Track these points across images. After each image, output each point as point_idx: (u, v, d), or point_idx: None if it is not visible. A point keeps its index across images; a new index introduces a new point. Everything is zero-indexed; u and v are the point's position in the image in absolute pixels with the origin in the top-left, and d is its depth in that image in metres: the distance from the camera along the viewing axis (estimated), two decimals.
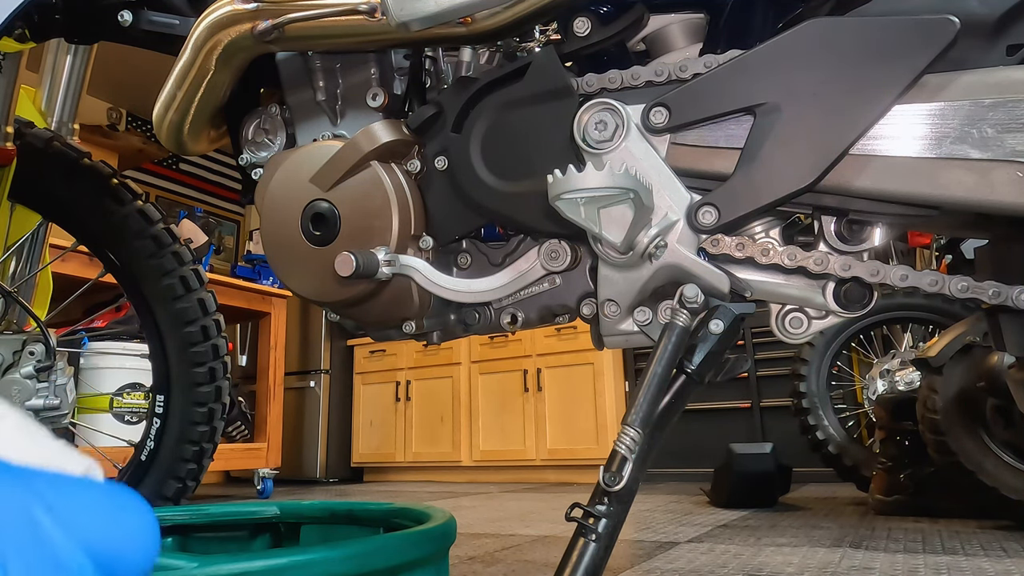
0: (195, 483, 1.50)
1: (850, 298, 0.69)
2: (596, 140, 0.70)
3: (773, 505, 2.72)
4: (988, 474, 2.06)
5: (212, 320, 1.28)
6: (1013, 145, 0.60)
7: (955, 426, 2.14)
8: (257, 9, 0.77)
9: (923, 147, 0.62)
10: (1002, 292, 0.63)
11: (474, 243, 0.82)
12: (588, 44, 0.75)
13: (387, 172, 0.77)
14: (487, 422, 4.67)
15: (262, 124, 0.88)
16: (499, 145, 0.76)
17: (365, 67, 0.82)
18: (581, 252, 0.76)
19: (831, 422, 2.98)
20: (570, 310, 0.77)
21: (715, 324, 0.64)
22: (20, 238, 1.31)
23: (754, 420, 4.05)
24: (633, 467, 0.57)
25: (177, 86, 0.83)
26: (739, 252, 0.68)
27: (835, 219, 0.69)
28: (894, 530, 2.06)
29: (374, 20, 0.73)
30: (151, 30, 0.90)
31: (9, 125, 1.18)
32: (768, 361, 4.00)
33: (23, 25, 0.93)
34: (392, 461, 4.94)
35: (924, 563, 1.57)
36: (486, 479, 4.62)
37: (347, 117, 0.83)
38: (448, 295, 0.75)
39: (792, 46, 0.66)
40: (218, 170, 5.55)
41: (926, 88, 0.63)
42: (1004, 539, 1.86)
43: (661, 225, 0.67)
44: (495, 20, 0.71)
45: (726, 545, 1.85)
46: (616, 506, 0.56)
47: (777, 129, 0.65)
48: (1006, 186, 0.60)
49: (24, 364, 1.19)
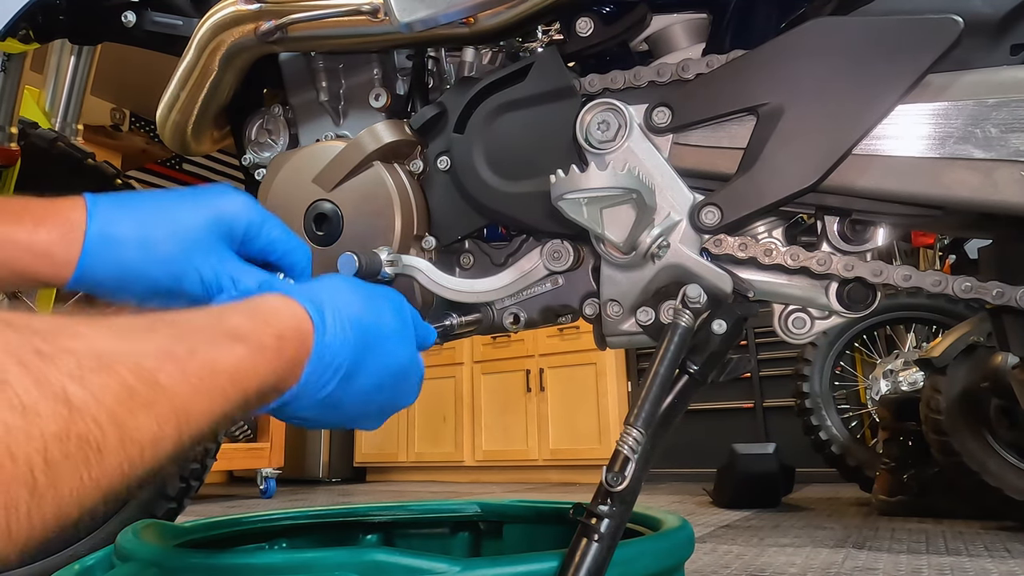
0: (198, 483, 1.50)
1: (853, 298, 0.69)
2: (599, 140, 0.70)
3: (776, 505, 2.72)
4: (992, 474, 2.06)
5: None
6: (1017, 145, 0.59)
7: (959, 426, 2.14)
8: (260, 10, 0.77)
9: (927, 147, 0.62)
10: (1006, 292, 0.63)
11: (477, 243, 0.82)
12: (591, 44, 0.75)
13: (390, 172, 0.77)
14: (490, 422, 4.67)
15: (265, 124, 0.88)
16: (502, 145, 0.76)
17: (368, 68, 0.82)
18: (584, 252, 0.76)
19: (834, 422, 2.98)
20: (573, 310, 0.77)
21: (718, 324, 0.64)
22: None
23: (757, 420, 4.05)
24: (636, 467, 0.56)
25: (180, 87, 0.83)
26: (742, 252, 0.68)
27: (838, 219, 0.69)
28: (897, 531, 2.06)
29: (377, 21, 0.73)
30: (155, 31, 0.90)
31: (13, 126, 1.18)
32: (771, 361, 4.00)
33: (27, 26, 0.93)
34: (395, 461, 4.94)
35: (928, 564, 1.57)
36: (489, 479, 4.62)
37: (350, 117, 0.84)
38: (451, 295, 0.75)
39: (795, 46, 0.66)
40: (221, 170, 5.56)
41: (930, 88, 0.63)
42: (1008, 540, 1.86)
43: (664, 225, 0.67)
44: (498, 20, 0.71)
45: (729, 545, 1.85)
46: (619, 506, 0.56)
47: (780, 129, 0.65)
48: (1010, 186, 0.60)
49: None
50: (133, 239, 0.52)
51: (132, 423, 0.27)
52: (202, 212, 0.54)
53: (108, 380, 0.27)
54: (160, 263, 0.52)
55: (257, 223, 0.56)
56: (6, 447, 0.22)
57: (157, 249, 0.52)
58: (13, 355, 0.24)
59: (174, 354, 0.31)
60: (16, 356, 0.24)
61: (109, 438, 0.26)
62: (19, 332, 0.25)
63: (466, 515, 0.78)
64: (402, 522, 0.78)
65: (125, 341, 0.29)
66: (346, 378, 0.46)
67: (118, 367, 0.28)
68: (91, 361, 0.27)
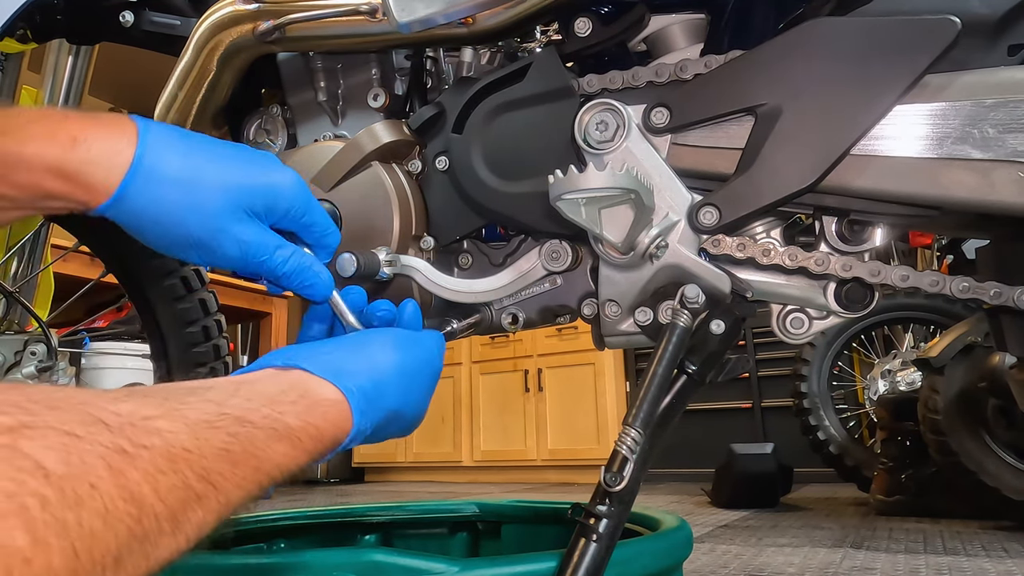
0: None
1: (851, 298, 0.69)
2: (597, 140, 0.70)
3: (774, 505, 2.72)
4: (989, 474, 2.06)
5: (213, 320, 1.28)
6: (1014, 145, 0.59)
7: (956, 426, 2.14)
8: (258, 10, 0.77)
9: (924, 147, 0.62)
10: (1003, 292, 0.63)
11: (475, 243, 0.82)
12: (589, 44, 0.75)
13: (388, 172, 0.77)
14: (488, 422, 4.67)
15: (263, 124, 0.88)
16: (500, 145, 0.76)
17: (366, 67, 0.82)
18: (582, 252, 0.76)
19: (832, 422, 2.98)
20: (571, 310, 0.77)
21: (716, 325, 0.64)
22: (22, 239, 1.31)
23: (755, 420, 4.05)
24: (634, 467, 0.57)
25: (179, 86, 0.83)
26: (740, 252, 0.68)
27: (836, 219, 0.69)
28: (895, 530, 2.06)
29: (375, 21, 0.73)
30: (153, 31, 0.90)
31: None
32: (769, 361, 4.00)
33: (25, 26, 0.93)
34: (393, 461, 4.94)
35: (925, 563, 1.57)
36: (487, 479, 4.62)
37: (348, 117, 0.84)
38: (449, 295, 0.75)
39: (793, 46, 0.66)
40: None
41: (927, 88, 0.63)
42: (1006, 539, 1.86)
43: (662, 225, 0.67)
44: (496, 21, 0.71)
45: (727, 545, 1.85)
46: (617, 506, 0.56)
47: (778, 129, 0.65)
48: (1007, 186, 0.60)
49: (26, 364, 1.20)
50: (181, 180, 0.49)
51: (184, 517, 0.31)
52: (252, 176, 0.52)
53: (175, 481, 0.30)
54: (200, 213, 0.49)
55: (301, 206, 0.55)
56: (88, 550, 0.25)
57: (201, 198, 0.49)
58: (103, 458, 0.27)
59: (231, 455, 0.35)
60: (105, 459, 0.27)
61: (165, 531, 0.30)
62: (112, 431, 0.28)
63: (464, 515, 0.78)
64: (400, 522, 0.78)
65: (192, 438, 0.33)
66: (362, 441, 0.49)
67: (184, 469, 0.31)
68: (163, 462, 0.30)
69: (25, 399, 0.27)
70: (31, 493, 0.23)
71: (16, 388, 0.27)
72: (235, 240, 0.51)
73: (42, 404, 0.27)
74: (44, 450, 0.24)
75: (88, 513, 0.25)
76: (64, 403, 0.28)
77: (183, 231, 0.50)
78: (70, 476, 0.25)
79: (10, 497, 0.22)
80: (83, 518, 0.25)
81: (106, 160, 0.47)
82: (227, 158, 0.52)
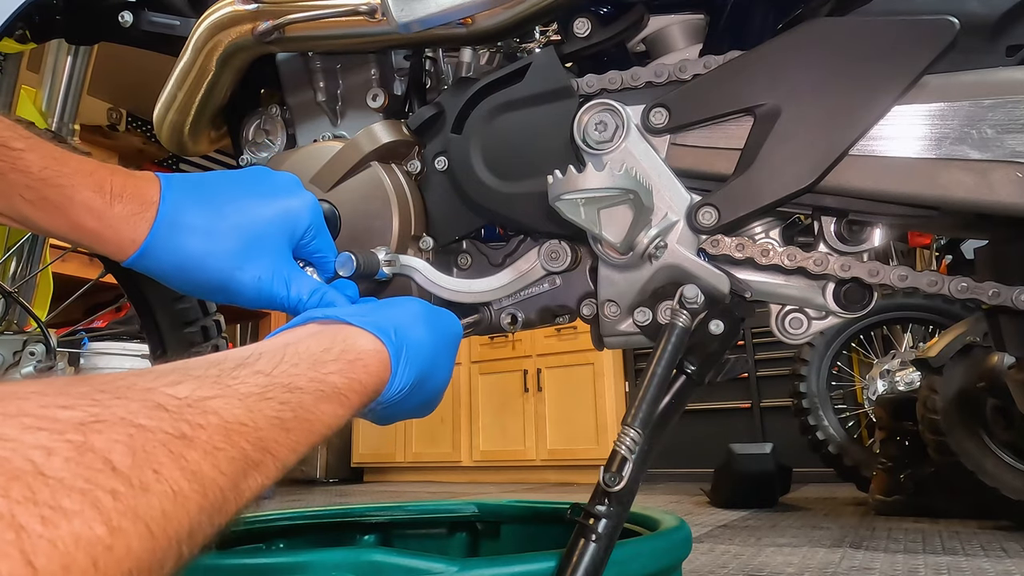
0: None
1: (850, 299, 0.69)
2: (596, 141, 0.70)
3: (773, 505, 2.72)
4: (988, 474, 2.07)
5: (212, 321, 1.28)
6: (1013, 146, 0.60)
7: (955, 426, 2.14)
8: (258, 10, 0.77)
9: (923, 147, 0.62)
10: (1002, 292, 0.63)
11: (474, 243, 0.82)
12: (588, 45, 0.75)
13: (387, 172, 0.77)
14: (487, 422, 4.67)
15: (262, 125, 0.88)
16: (499, 146, 0.76)
17: (365, 68, 0.82)
18: (581, 252, 0.76)
19: (831, 422, 2.98)
20: (570, 310, 0.77)
21: (715, 325, 0.64)
22: (20, 239, 1.31)
23: (754, 420, 4.06)
24: (633, 467, 0.57)
25: (178, 87, 0.83)
26: (739, 253, 0.68)
27: (835, 220, 0.69)
28: (894, 530, 2.06)
29: (375, 21, 0.73)
30: (152, 31, 0.90)
31: None
32: (768, 361, 4.01)
33: (24, 26, 0.92)
34: (392, 461, 4.94)
35: (924, 563, 1.57)
36: (486, 479, 4.62)
37: (347, 118, 0.84)
38: (448, 295, 0.75)
39: (792, 46, 0.66)
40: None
41: (926, 89, 0.63)
42: (1004, 539, 1.86)
43: (661, 226, 0.67)
44: (496, 21, 0.71)
45: (726, 545, 1.85)
46: (616, 506, 0.56)
47: (777, 129, 0.65)
48: (1006, 186, 0.60)
49: (25, 364, 1.19)
50: (199, 228, 0.53)
51: (245, 484, 0.34)
52: (270, 208, 0.56)
53: (233, 454, 0.32)
54: (220, 255, 0.53)
55: (316, 228, 0.59)
56: (162, 529, 0.27)
57: (220, 241, 0.53)
58: (164, 444, 0.29)
59: (283, 422, 0.37)
60: (167, 446, 0.29)
61: (228, 499, 0.32)
62: (172, 416, 0.30)
63: (464, 515, 0.78)
64: (400, 522, 0.78)
65: (246, 412, 0.35)
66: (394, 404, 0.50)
67: (241, 442, 0.33)
68: (220, 439, 0.32)
69: (94, 390, 0.29)
70: (102, 488, 0.25)
71: (86, 380, 0.29)
72: (254, 279, 0.55)
73: (110, 394, 0.29)
74: (112, 443, 0.26)
75: (157, 497, 0.27)
76: (129, 392, 0.30)
77: (206, 276, 0.54)
78: (135, 466, 0.27)
79: (84, 494, 0.24)
80: (152, 502, 0.27)
81: (134, 217, 0.51)
82: (245, 194, 0.56)
